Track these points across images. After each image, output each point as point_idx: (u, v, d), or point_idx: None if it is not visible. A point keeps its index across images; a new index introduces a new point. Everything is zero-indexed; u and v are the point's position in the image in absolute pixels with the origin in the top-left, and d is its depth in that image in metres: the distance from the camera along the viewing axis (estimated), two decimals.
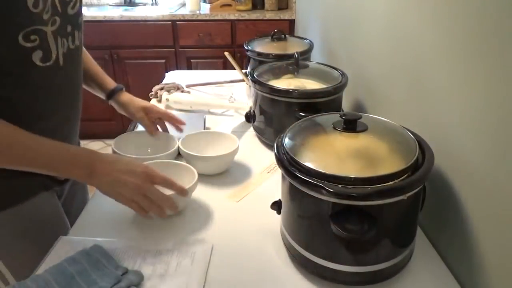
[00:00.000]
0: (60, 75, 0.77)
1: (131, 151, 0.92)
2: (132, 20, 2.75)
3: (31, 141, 0.69)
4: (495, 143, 0.56)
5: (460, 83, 0.64)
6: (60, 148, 0.71)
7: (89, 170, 0.70)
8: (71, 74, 0.81)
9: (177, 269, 0.65)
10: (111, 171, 0.70)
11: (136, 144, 0.98)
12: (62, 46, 0.75)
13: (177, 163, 0.86)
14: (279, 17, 2.78)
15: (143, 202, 0.70)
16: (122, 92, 1.01)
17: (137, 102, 1.01)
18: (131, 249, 0.70)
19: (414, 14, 0.81)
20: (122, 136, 0.99)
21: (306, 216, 0.63)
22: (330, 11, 1.58)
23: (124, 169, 0.70)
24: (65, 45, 0.76)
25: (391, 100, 0.94)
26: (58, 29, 0.73)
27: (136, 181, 0.69)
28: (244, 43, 1.46)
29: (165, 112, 1.03)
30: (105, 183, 0.70)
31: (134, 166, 0.71)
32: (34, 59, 0.70)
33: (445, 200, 0.69)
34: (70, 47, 0.78)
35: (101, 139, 3.05)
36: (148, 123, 0.99)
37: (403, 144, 0.65)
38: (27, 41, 0.68)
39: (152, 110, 1.00)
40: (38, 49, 0.70)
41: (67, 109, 0.84)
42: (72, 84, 0.83)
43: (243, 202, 0.84)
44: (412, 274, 0.66)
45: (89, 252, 0.66)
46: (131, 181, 0.69)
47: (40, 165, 0.70)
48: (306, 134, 0.71)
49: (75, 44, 0.80)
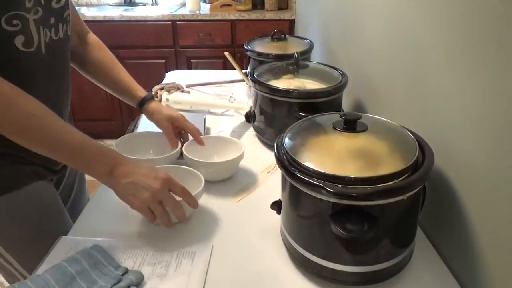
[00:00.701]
0: (42, 64, 0.77)
1: (132, 152, 0.91)
2: (132, 20, 2.75)
3: (60, 127, 0.70)
4: (495, 143, 0.56)
5: (460, 83, 0.64)
6: (88, 141, 0.71)
7: (110, 168, 0.70)
8: (53, 65, 0.81)
9: (177, 269, 0.65)
10: (131, 174, 0.70)
11: (137, 145, 0.97)
12: (44, 35, 0.75)
13: (185, 168, 0.84)
14: (279, 17, 2.78)
15: (156, 208, 0.70)
16: (152, 101, 1.01)
17: (165, 110, 1.00)
18: (131, 249, 0.70)
19: (414, 14, 0.81)
20: (124, 137, 0.98)
21: (306, 216, 0.63)
22: (330, 11, 1.58)
23: (146, 172, 0.70)
24: (48, 36, 0.77)
25: (391, 100, 0.94)
26: (40, 18, 0.74)
27: (155, 185, 0.69)
28: (244, 43, 1.46)
29: (193, 128, 0.98)
30: (122, 185, 0.69)
31: (155, 171, 0.71)
32: (17, 44, 0.71)
33: (445, 200, 0.69)
34: (53, 38, 0.78)
35: (101, 139, 3.05)
36: (172, 134, 0.97)
37: (403, 144, 0.65)
38: (9, 25, 0.68)
39: (178, 120, 0.98)
40: (20, 34, 0.71)
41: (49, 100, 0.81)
42: (56, 75, 0.83)
43: (243, 202, 0.84)
44: (412, 274, 0.66)
45: (89, 252, 0.66)
46: (150, 185, 0.69)
47: (63, 153, 0.71)
48: (306, 134, 0.71)
49: (59, 36, 0.80)
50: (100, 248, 0.67)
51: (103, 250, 0.67)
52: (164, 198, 0.70)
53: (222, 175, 0.91)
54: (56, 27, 0.79)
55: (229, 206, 0.83)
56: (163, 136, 0.98)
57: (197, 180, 0.79)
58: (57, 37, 0.80)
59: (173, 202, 0.71)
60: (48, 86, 0.81)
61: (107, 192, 0.87)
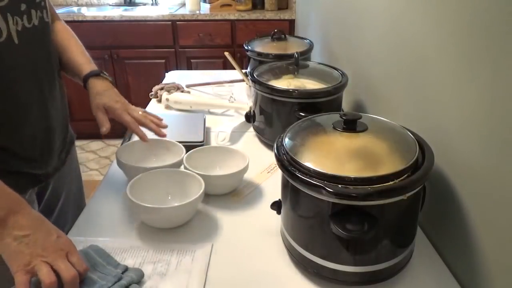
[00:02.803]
0: (16, 54, 0.73)
1: (135, 160, 0.88)
2: (132, 20, 2.75)
3: None
4: (495, 143, 0.56)
5: (461, 83, 0.64)
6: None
7: (4, 213, 0.58)
8: (32, 55, 0.77)
9: (177, 268, 0.65)
10: (27, 226, 0.58)
11: (139, 153, 0.92)
12: (14, 23, 0.71)
13: (185, 172, 0.82)
14: (279, 17, 2.78)
15: (41, 269, 0.56)
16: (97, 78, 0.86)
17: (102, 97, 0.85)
18: (132, 248, 0.70)
19: (414, 14, 0.81)
20: (125, 145, 0.94)
21: (306, 216, 0.63)
22: (330, 11, 1.58)
23: (44, 229, 0.60)
24: (19, 23, 0.72)
25: (391, 100, 0.94)
26: (7, 5, 0.69)
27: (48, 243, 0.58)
28: (244, 43, 1.46)
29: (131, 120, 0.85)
30: (12, 237, 0.57)
31: (58, 233, 0.61)
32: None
33: (445, 200, 0.69)
34: (26, 25, 0.74)
35: (101, 139, 3.05)
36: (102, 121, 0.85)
37: (403, 144, 0.65)
38: None
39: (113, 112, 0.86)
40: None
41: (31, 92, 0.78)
42: (37, 66, 0.78)
43: (243, 202, 0.84)
44: (412, 274, 0.66)
45: (86, 252, 0.65)
46: (42, 240, 0.58)
47: None
48: (306, 134, 0.71)
49: (33, 23, 0.76)
50: (97, 247, 0.67)
51: (100, 249, 0.66)
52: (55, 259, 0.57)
53: (222, 189, 0.86)
54: (29, 14, 0.74)
55: (229, 206, 0.83)
56: (166, 143, 0.94)
57: (198, 184, 0.78)
58: (31, 25, 0.75)
59: (66, 267, 0.57)
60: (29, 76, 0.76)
61: (106, 193, 0.87)
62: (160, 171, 0.82)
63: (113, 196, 0.86)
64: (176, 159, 0.87)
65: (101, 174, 2.62)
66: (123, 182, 0.89)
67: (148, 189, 0.78)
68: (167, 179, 0.81)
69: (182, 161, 0.86)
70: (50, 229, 0.61)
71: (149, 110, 1.31)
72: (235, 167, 0.85)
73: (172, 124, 1.13)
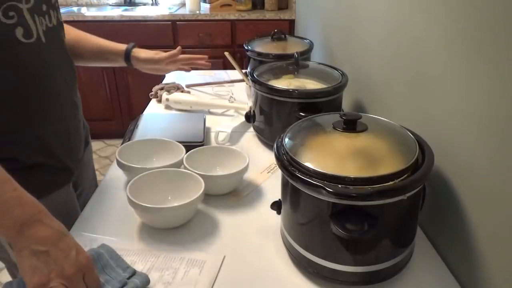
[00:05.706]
0: (45, 52, 0.78)
1: (135, 160, 0.88)
2: (132, 20, 2.75)
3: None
4: (495, 143, 0.56)
5: (461, 82, 0.64)
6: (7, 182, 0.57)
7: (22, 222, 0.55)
8: (55, 52, 0.82)
9: (183, 278, 0.64)
10: (46, 240, 0.55)
11: (140, 153, 0.92)
12: (40, 24, 0.76)
13: (185, 172, 0.82)
14: (279, 17, 2.78)
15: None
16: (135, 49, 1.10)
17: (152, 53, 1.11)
18: (143, 252, 0.69)
19: (414, 14, 0.81)
20: (125, 145, 0.94)
21: (306, 216, 0.63)
22: (330, 11, 1.58)
23: (66, 247, 0.56)
24: (44, 23, 0.77)
25: (391, 100, 0.94)
26: (33, 7, 0.74)
27: (69, 269, 0.55)
28: (244, 43, 1.46)
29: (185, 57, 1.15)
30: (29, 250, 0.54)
31: (77, 250, 0.57)
32: (18, 36, 0.71)
33: (445, 200, 0.69)
34: (48, 25, 0.79)
35: (101, 139, 3.05)
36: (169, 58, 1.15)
37: (403, 144, 0.65)
38: (6, 18, 0.69)
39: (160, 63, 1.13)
40: (18, 26, 0.71)
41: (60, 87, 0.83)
42: (57, 61, 0.83)
43: (243, 202, 0.84)
44: (412, 274, 0.66)
45: (99, 253, 0.65)
46: (63, 265, 0.54)
47: None
48: (306, 134, 0.71)
49: (53, 23, 0.81)
50: (109, 248, 0.66)
51: (112, 250, 0.66)
52: (71, 281, 0.55)
53: (224, 189, 0.86)
54: (49, 14, 0.79)
55: (229, 206, 0.83)
56: (166, 143, 0.94)
57: (198, 184, 0.78)
58: (52, 25, 0.80)
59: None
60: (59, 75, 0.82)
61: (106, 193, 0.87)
62: (160, 171, 0.81)
63: (113, 196, 0.86)
64: (176, 159, 0.87)
65: (101, 174, 2.62)
66: (123, 182, 0.89)
67: (148, 189, 0.78)
68: (167, 179, 0.81)
69: (182, 161, 0.86)
70: (70, 244, 0.57)
71: (149, 110, 1.32)
72: (235, 167, 0.85)
73: (172, 124, 1.14)
